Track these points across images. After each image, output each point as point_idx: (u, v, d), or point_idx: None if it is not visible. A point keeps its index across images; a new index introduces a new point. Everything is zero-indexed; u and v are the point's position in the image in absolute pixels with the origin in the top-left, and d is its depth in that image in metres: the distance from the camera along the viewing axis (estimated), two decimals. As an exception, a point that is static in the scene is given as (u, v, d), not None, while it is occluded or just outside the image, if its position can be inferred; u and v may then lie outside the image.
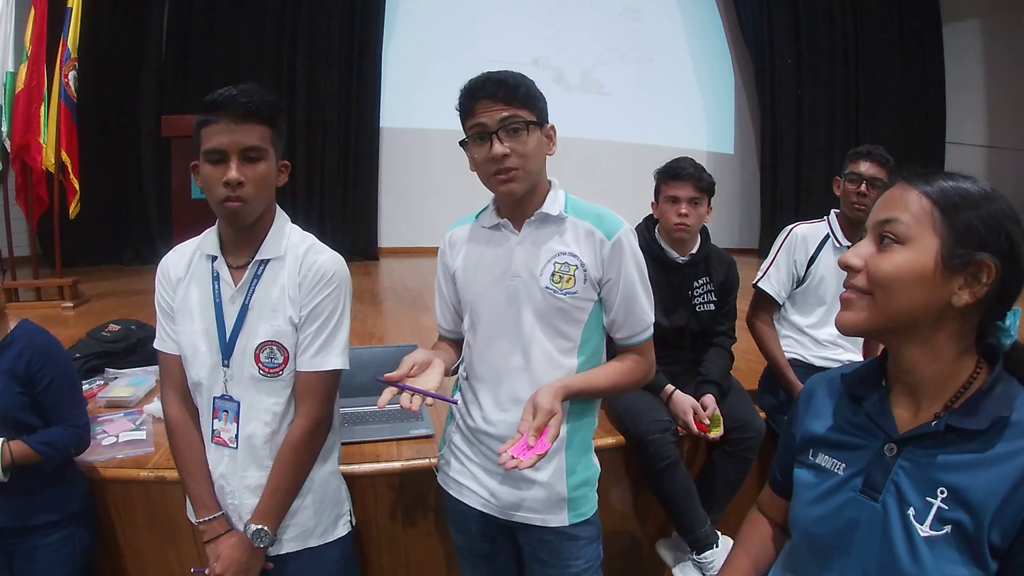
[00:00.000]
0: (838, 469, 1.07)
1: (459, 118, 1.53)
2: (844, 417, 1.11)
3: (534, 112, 1.49)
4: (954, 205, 0.94)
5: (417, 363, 1.46)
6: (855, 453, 1.05)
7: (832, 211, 2.65)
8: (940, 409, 0.98)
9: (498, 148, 1.44)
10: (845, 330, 1.02)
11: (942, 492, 0.94)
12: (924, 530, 0.94)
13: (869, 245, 1.00)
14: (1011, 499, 0.89)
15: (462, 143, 1.53)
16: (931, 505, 0.94)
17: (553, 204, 1.55)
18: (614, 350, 1.66)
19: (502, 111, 1.45)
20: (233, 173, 1.48)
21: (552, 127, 1.56)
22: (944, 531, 0.93)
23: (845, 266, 1.00)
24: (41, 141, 4.95)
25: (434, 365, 1.51)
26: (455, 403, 1.63)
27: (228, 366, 1.59)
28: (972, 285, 0.93)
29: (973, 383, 0.97)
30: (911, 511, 0.96)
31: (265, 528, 1.57)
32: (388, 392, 1.39)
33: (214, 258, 1.62)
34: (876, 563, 0.98)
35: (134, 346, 3.16)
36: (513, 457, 1.31)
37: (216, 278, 1.61)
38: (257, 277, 1.59)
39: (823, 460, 1.10)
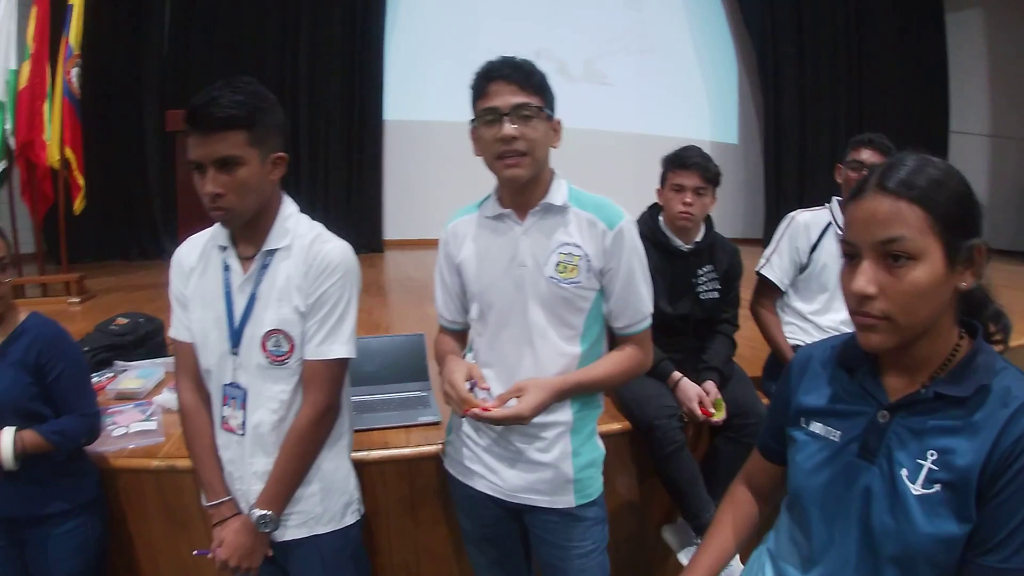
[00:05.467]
0: (833, 436, 1.13)
1: (471, 98, 1.55)
2: (838, 387, 1.16)
3: (544, 101, 1.52)
4: (938, 203, 0.97)
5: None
6: (850, 421, 1.12)
7: (834, 198, 2.66)
8: (927, 379, 1.04)
9: (508, 129, 1.47)
10: (874, 351, 1.05)
11: (932, 454, 1.02)
12: (916, 489, 1.01)
13: (874, 267, 0.99)
14: (992, 455, 0.97)
15: (473, 122, 1.56)
16: (922, 466, 1.02)
17: (557, 194, 1.58)
18: (614, 340, 1.69)
19: (516, 96, 1.48)
20: (208, 187, 1.49)
21: (559, 121, 1.59)
22: (934, 489, 1.00)
23: (861, 295, 1.00)
24: (45, 138, 4.97)
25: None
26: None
27: (237, 354, 1.61)
28: (971, 267, 0.99)
29: (956, 354, 1.04)
30: (904, 472, 1.03)
31: (270, 513, 1.59)
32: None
33: (224, 248, 1.64)
34: (875, 520, 1.04)
35: (142, 339, 3.18)
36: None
37: (226, 268, 1.63)
38: (265, 267, 1.61)
39: (817, 428, 1.16)
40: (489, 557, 1.81)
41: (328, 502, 1.70)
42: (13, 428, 1.77)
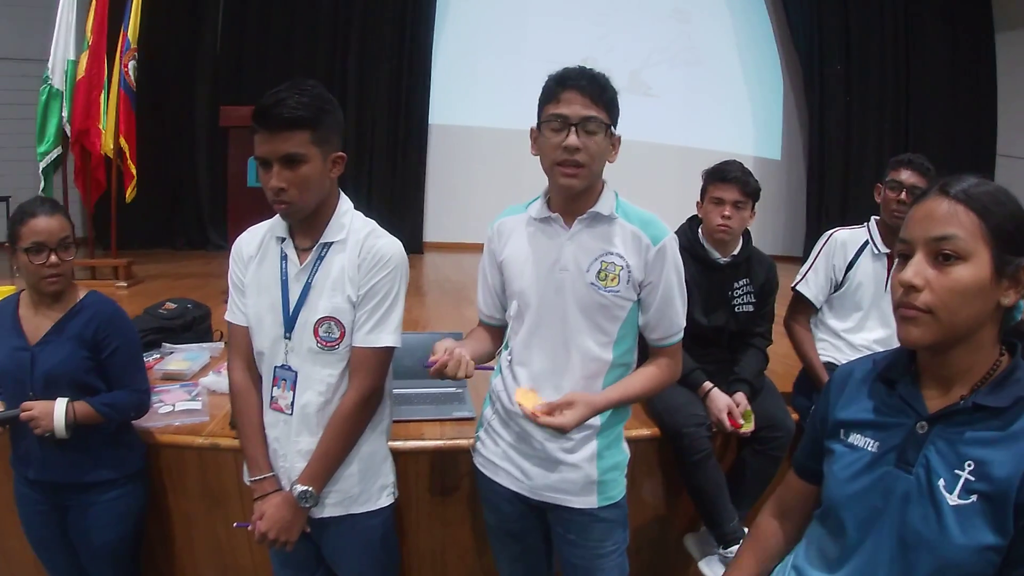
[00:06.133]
0: (871, 447, 1.14)
1: (539, 100, 1.59)
2: (877, 400, 1.18)
3: (610, 117, 1.56)
4: (993, 215, 1.00)
5: (448, 348, 1.56)
6: (888, 432, 1.13)
7: (872, 218, 2.67)
8: (967, 392, 1.06)
9: (573, 139, 1.50)
10: (911, 345, 1.07)
11: (969, 465, 1.02)
12: (953, 499, 1.02)
13: (924, 262, 1.02)
14: None
15: (538, 124, 1.59)
16: (959, 477, 1.02)
17: (605, 204, 1.62)
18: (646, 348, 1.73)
19: (587, 108, 1.51)
20: (273, 181, 1.59)
21: (619, 138, 1.62)
22: (971, 500, 1.01)
23: (907, 285, 1.03)
24: (101, 127, 5.15)
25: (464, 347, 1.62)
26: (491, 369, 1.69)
27: (289, 338, 1.70)
28: (1015, 285, 1.02)
29: (997, 368, 1.05)
30: (941, 482, 1.04)
31: (311, 490, 1.66)
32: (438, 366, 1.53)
33: (283, 239, 1.73)
34: (910, 530, 1.05)
35: (190, 324, 3.29)
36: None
37: (284, 258, 1.72)
38: (320, 258, 1.69)
39: (856, 439, 1.17)
40: (511, 552, 1.86)
41: (366, 483, 1.77)
42: (66, 399, 1.87)
